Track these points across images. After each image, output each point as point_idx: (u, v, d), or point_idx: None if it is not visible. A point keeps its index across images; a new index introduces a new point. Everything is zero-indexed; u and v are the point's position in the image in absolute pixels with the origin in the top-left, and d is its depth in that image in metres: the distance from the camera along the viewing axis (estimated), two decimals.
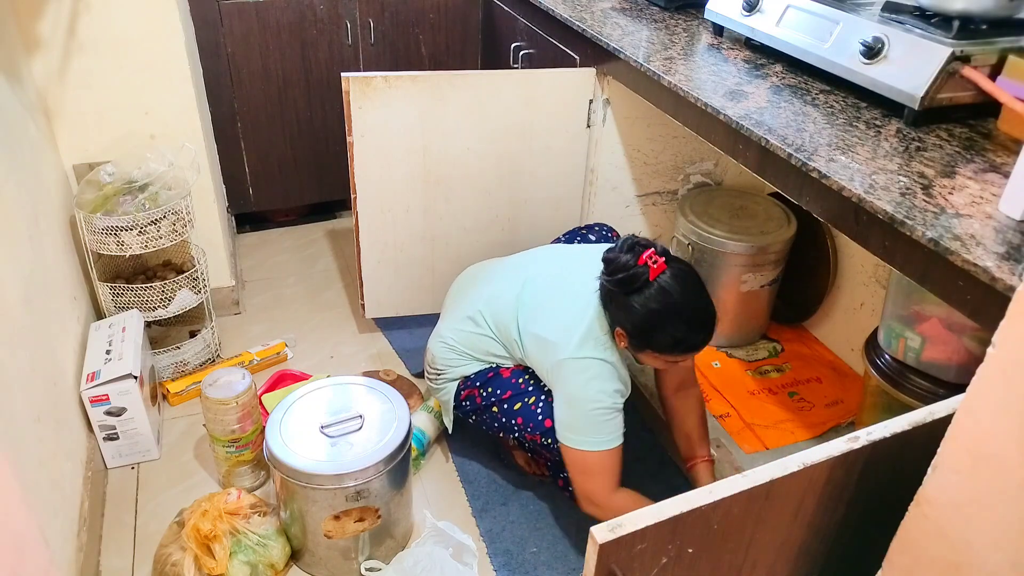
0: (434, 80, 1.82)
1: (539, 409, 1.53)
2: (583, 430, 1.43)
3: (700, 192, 2.12)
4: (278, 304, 2.39)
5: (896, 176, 1.10)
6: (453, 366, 1.67)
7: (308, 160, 2.65)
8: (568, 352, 1.44)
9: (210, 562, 1.44)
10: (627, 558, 0.72)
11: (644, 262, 1.36)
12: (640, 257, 1.36)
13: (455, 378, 1.69)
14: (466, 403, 1.66)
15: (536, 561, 1.59)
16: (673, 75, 1.50)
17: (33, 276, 1.52)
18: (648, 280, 1.36)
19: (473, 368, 1.65)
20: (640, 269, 1.36)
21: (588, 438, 1.43)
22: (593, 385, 1.43)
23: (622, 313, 1.40)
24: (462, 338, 1.65)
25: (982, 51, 1.20)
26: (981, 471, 0.68)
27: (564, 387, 1.46)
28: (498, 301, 1.62)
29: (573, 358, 1.44)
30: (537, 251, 1.73)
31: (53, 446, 1.45)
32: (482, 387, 1.62)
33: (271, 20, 2.37)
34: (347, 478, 1.43)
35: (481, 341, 1.63)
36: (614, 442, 1.43)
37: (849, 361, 2.05)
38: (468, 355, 1.65)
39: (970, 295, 0.93)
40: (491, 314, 1.62)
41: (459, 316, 1.68)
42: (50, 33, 1.79)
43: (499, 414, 1.59)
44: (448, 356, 1.67)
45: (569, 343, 1.45)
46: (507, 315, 1.59)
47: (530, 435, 1.55)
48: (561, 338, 1.47)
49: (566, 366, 1.45)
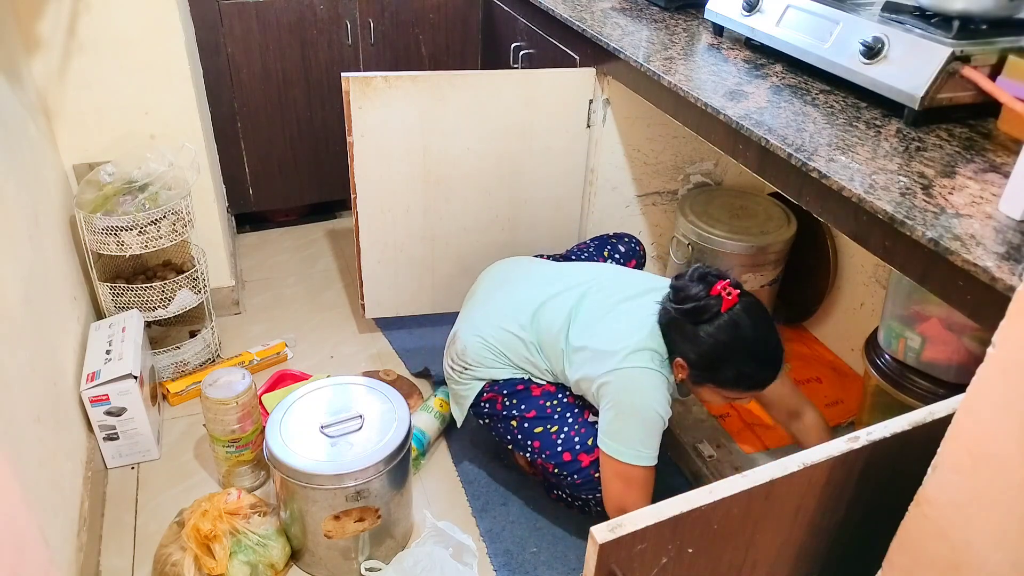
0: (434, 80, 1.82)
1: (559, 439, 1.50)
2: (632, 441, 1.38)
3: (700, 192, 2.12)
4: (278, 304, 2.39)
5: (896, 176, 1.10)
6: (486, 366, 1.59)
7: (308, 160, 2.65)
8: (623, 362, 1.40)
9: (210, 562, 1.44)
10: (627, 558, 0.72)
11: (718, 293, 1.33)
12: (713, 288, 1.33)
13: (483, 378, 1.61)
14: (485, 406, 1.61)
15: (536, 561, 1.59)
16: (673, 75, 1.50)
17: (33, 276, 1.52)
18: (719, 312, 1.32)
19: (505, 374, 1.59)
20: (713, 300, 1.32)
21: (635, 451, 1.38)
22: (649, 395, 1.38)
23: (687, 344, 1.36)
24: (504, 339, 1.58)
25: (982, 51, 1.20)
26: (981, 471, 0.68)
27: (617, 396, 1.41)
28: (551, 310, 1.55)
29: (631, 367, 1.39)
30: (592, 265, 1.68)
31: (53, 446, 1.45)
32: (508, 397, 1.57)
33: (271, 20, 2.37)
34: (347, 478, 1.43)
35: (523, 347, 1.57)
36: (655, 460, 1.40)
37: (849, 361, 2.05)
38: (505, 358, 1.58)
39: (970, 295, 0.93)
40: (541, 322, 1.56)
41: (503, 316, 1.60)
42: (50, 33, 1.79)
43: (516, 430, 1.56)
44: (483, 354, 1.59)
45: (624, 352, 1.41)
46: (557, 327, 1.53)
47: (543, 461, 1.53)
48: (618, 348, 1.42)
49: (619, 374, 1.40)
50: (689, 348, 1.36)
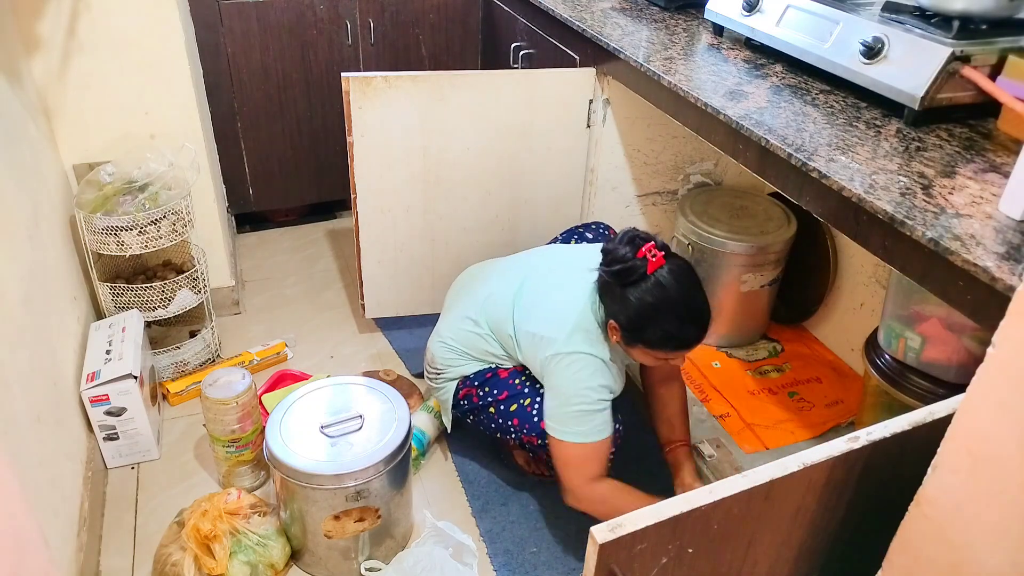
0: (434, 80, 1.82)
1: (534, 411, 1.54)
2: (568, 422, 1.45)
3: (700, 192, 2.12)
4: (278, 304, 2.39)
5: (896, 176, 1.10)
6: (452, 366, 1.68)
7: (308, 160, 2.65)
8: (557, 347, 1.46)
9: (210, 562, 1.44)
10: (627, 558, 0.72)
11: (643, 255, 1.36)
12: (639, 250, 1.37)
13: (454, 378, 1.69)
14: (464, 402, 1.67)
15: (536, 561, 1.59)
16: (673, 75, 1.50)
17: (33, 276, 1.52)
18: (645, 273, 1.36)
19: (472, 368, 1.66)
20: (638, 262, 1.36)
21: (572, 429, 1.44)
22: (580, 380, 1.44)
23: (616, 305, 1.41)
24: (461, 337, 1.66)
25: (982, 51, 1.20)
26: (981, 471, 0.68)
27: (552, 380, 1.47)
28: (495, 301, 1.62)
29: (562, 353, 1.45)
30: (534, 251, 1.73)
31: (53, 446, 1.45)
32: (480, 387, 1.63)
33: (271, 20, 2.37)
34: (347, 478, 1.43)
35: (479, 341, 1.64)
36: (598, 435, 1.44)
37: (849, 361, 2.05)
38: (467, 355, 1.66)
39: (970, 295, 0.93)
40: (488, 314, 1.63)
41: (458, 316, 1.69)
42: (50, 33, 1.79)
43: (496, 415, 1.60)
44: (447, 356, 1.68)
45: (559, 338, 1.46)
46: (503, 314, 1.59)
47: (526, 436, 1.56)
48: (552, 333, 1.48)
49: (555, 361, 1.46)
50: (619, 310, 1.40)
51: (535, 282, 1.60)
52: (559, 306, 1.51)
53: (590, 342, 1.45)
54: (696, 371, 2.03)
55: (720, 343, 2.11)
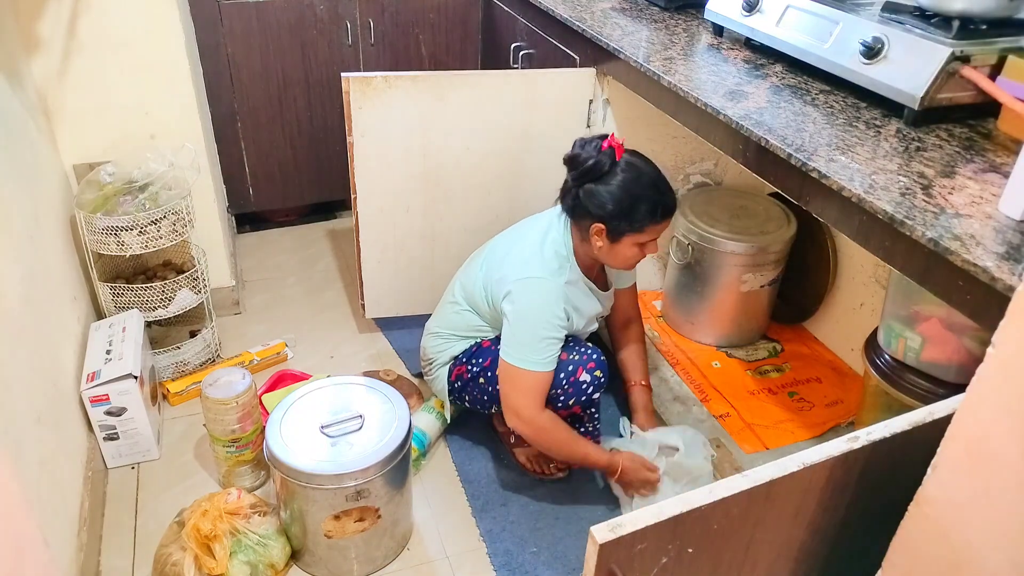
0: (434, 80, 1.82)
1: None
2: (521, 347, 1.52)
3: (700, 192, 2.12)
4: (278, 304, 2.39)
5: (896, 176, 1.10)
6: (441, 351, 1.77)
7: (308, 160, 2.65)
8: (515, 275, 1.54)
9: (210, 562, 1.44)
10: (627, 558, 0.72)
11: (610, 145, 1.45)
12: (602, 145, 1.46)
13: (445, 362, 1.77)
14: (457, 383, 1.73)
15: (536, 561, 1.59)
16: (673, 75, 1.50)
17: (33, 276, 1.52)
18: (615, 160, 1.46)
19: (459, 347, 1.74)
20: (605, 154, 1.45)
21: (525, 356, 1.52)
22: (535, 307, 1.52)
23: (597, 203, 1.47)
24: (445, 322, 1.77)
25: (982, 51, 1.21)
26: (981, 471, 0.68)
27: (510, 307, 1.55)
28: (468, 275, 1.73)
29: (518, 279, 1.54)
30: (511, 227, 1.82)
31: (53, 446, 1.45)
32: (467, 361, 1.71)
33: (271, 20, 2.37)
34: (347, 478, 1.43)
35: (461, 317, 1.73)
36: (547, 366, 1.53)
37: (849, 361, 2.05)
38: (453, 336, 1.75)
39: (970, 295, 0.93)
40: (465, 289, 1.73)
41: (441, 304, 1.81)
42: (50, 33, 1.79)
43: (485, 383, 1.66)
44: (435, 343, 1.78)
45: (517, 271, 1.55)
46: (474, 279, 1.69)
47: None
48: (512, 271, 1.56)
49: (513, 289, 1.54)
50: (600, 205, 1.47)
51: (496, 244, 1.71)
52: (517, 250, 1.60)
53: (544, 267, 1.53)
54: (696, 371, 2.03)
55: (720, 343, 2.11)
